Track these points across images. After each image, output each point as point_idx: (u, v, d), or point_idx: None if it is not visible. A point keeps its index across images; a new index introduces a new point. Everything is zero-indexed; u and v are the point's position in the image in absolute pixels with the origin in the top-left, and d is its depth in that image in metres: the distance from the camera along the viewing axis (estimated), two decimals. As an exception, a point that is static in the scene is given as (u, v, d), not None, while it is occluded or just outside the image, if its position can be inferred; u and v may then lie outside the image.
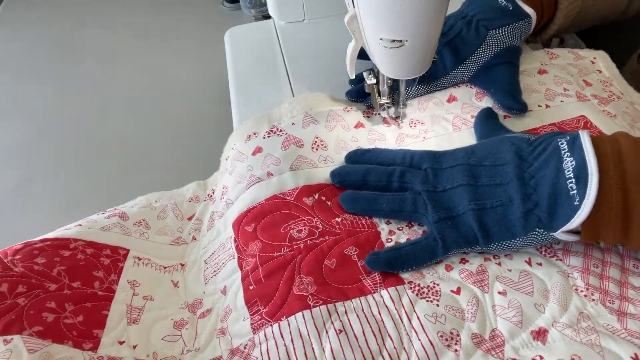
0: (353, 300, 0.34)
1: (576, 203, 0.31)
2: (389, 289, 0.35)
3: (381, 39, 0.37)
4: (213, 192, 0.48)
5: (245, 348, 0.34)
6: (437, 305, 0.34)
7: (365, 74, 0.47)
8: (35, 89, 0.84)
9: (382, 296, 0.35)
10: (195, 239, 0.45)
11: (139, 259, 0.41)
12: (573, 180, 0.31)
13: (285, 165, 0.44)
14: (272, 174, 0.43)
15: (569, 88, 0.49)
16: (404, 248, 0.36)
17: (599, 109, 0.47)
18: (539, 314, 0.33)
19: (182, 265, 0.43)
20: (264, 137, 0.46)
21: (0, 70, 0.89)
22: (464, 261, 0.37)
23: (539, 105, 0.48)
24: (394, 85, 0.46)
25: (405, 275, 0.36)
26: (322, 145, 0.46)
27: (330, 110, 0.49)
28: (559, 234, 0.33)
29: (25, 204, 0.66)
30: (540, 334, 0.32)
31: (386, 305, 0.34)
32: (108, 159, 0.70)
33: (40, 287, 0.35)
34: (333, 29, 0.62)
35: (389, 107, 0.47)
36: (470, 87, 0.50)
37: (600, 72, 0.53)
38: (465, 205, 0.35)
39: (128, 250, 0.41)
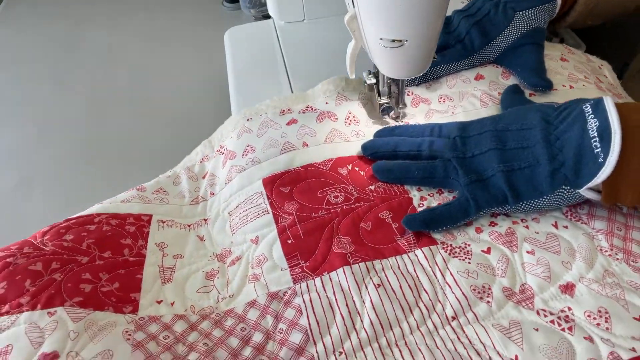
0: (389, 258, 0.37)
1: (600, 160, 0.32)
2: (422, 248, 0.37)
3: (381, 39, 0.37)
4: (221, 147, 0.49)
5: (284, 295, 0.36)
6: (469, 263, 0.36)
7: (364, 74, 0.47)
8: (35, 89, 0.84)
9: (416, 255, 0.37)
10: (213, 194, 0.46)
11: (163, 222, 0.43)
12: (597, 138, 0.33)
13: (320, 137, 0.46)
14: (307, 145, 0.45)
15: (589, 77, 0.51)
16: (438, 209, 0.38)
17: (615, 99, 0.48)
18: (567, 270, 0.35)
19: (205, 220, 0.44)
20: (299, 113, 0.48)
21: (0, 70, 0.89)
22: (493, 224, 0.39)
23: (563, 86, 0.49)
24: (394, 85, 0.46)
25: (438, 236, 0.38)
26: (355, 120, 0.48)
27: (362, 91, 0.50)
28: (584, 191, 0.34)
29: (25, 204, 0.66)
30: (568, 288, 0.34)
31: (420, 264, 0.36)
32: (108, 158, 0.70)
33: (73, 262, 0.36)
34: (333, 29, 0.62)
35: (389, 107, 0.47)
36: (497, 67, 0.52)
37: (606, 77, 0.54)
38: (495, 167, 0.37)
39: (151, 216, 0.43)
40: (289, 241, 0.39)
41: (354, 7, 0.38)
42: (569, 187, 0.35)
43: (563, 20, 0.54)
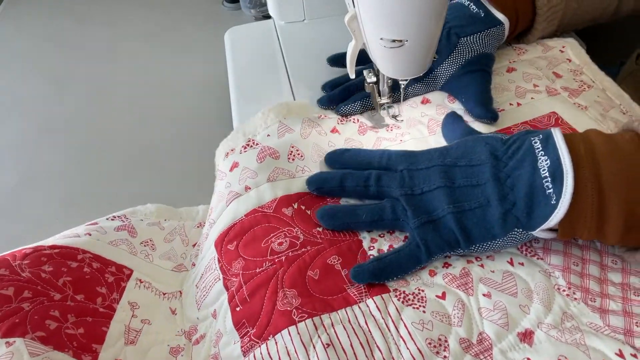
0: (339, 311, 0.34)
1: (553, 202, 0.31)
2: (374, 297, 0.35)
3: (381, 39, 0.37)
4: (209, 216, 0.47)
5: None
6: (424, 311, 0.34)
7: (365, 72, 0.47)
8: (35, 88, 0.84)
9: (368, 305, 0.34)
10: (194, 265, 0.44)
11: (141, 282, 0.41)
12: (549, 179, 0.32)
13: (262, 177, 0.43)
14: (249, 188, 0.43)
15: (539, 84, 0.49)
16: (387, 257, 0.36)
17: (569, 102, 0.47)
18: (524, 315, 0.33)
19: (180, 292, 0.43)
20: (240, 152, 0.45)
21: (0, 70, 0.89)
22: (447, 265, 0.37)
23: (510, 104, 0.48)
24: (394, 85, 0.46)
25: (390, 283, 0.36)
26: (299, 154, 0.45)
27: (304, 117, 0.48)
28: (537, 233, 0.33)
29: (25, 204, 0.66)
30: (526, 336, 0.32)
31: (372, 315, 0.34)
32: (108, 158, 0.70)
33: (45, 295, 0.35)
34: (333, 29, 0.62)
35: (389, 107, 0.47)
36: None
37: (570, 60, 0.52)
38: (445, 208, 0.35)
39: (132, 271, 0.42)
40: (238, 308, 0.36)
41: (354, 7, 0.38)
42: (521, 230, 0.33)
43: (530, 35, 0.53)
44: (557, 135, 0.33)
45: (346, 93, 0.50)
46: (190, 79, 0.83)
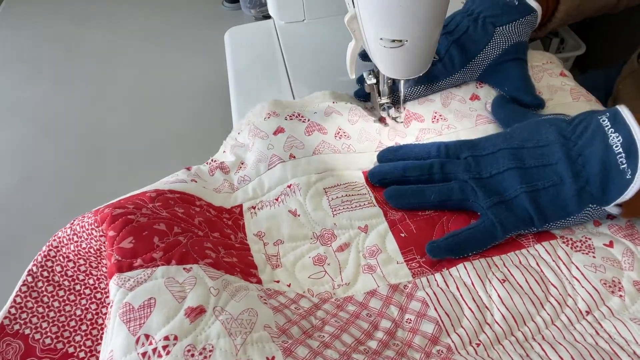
0: (509, 254, 0.36)
1: (628, 177, 0.32)
2: (542, 243, 0.37)
3: (381, 39, 0.37)
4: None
5: (405, 288, 0.35)
6: (594, 257, 0.35)
7: (365, 74, 0.47)
8: (35, 88, 0.84)
9: (536, 250, 0.36)
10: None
11: (253, 208, 0.42)
12: (623, 154, 0.33)
13: (309, 149, 0.44)
14: (294, 156, 0.44)
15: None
16: (462, 233, 0.37)
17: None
18: None
19: (288, 186, 0.42)
20: (286, 119, 0.47)
21: (0, 70, 0.89)
22: (610, 217, 0.38)
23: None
24: (394, 85, 0.46)
25: (556, 231, 0.37)
26: (345, 135, 0.46)
27: (352, 105, 0.49)
28: (610, 208, 0.35)
29: (25, 204, 0.66)
30: None
31: (543, 258, 0.36)
32: (108, 158, 0.70)
33: (191, 231, 0.36)
34: (333, 29, 0.62)
35: (389, 107, 0.47)
36: (492, 88, 0.50)
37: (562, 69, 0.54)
38: (517, 188, 0.36)
39: (241, 206, 0.42)
40: (402, 235, 0.39)
41: (354, 7, 0.38)
42: (595, 205, 0.35)
43: (544, 27, 0.53)
44: (625, 112, 0.34)
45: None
46: (190, 79, 0.83)
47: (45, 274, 0.35)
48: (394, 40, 0.37)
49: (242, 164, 0.45)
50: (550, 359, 0.30)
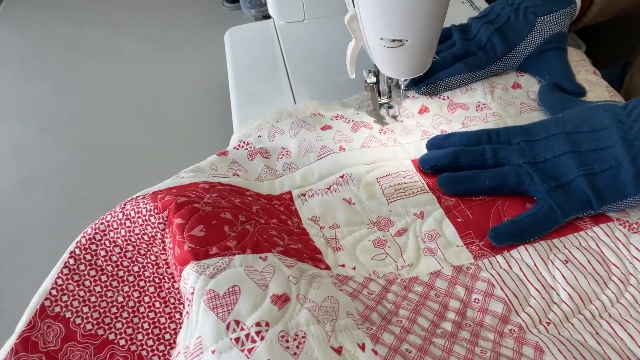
0: (568, 236, 0.37)
1: None
2: (600, 225, 0.37)
3: (381, 39, 0.37)
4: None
5: (468, 270, 0.36)
6: None
7: (365, 73, 0.47)
8: (35, 89, 0.84)
9: (595, 232, 0.37)
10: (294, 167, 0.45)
11: (303, 195, 0.42)
12: None
13: (357, 143, 0.45)
14: (344, 149, 0.45)
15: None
16: (523, 220, 0.37)
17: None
18: None
19: (341, 177, 0.42)
20: (331, 119, 0.47)
21: (0, 70, 0.89)
22: None
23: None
24: (394, 85, 0.46)
25: (612, 214, 0.38)
26: (390, 130, 0.47)
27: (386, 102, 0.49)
28: None
29: (25, 204, 0.66)
30: None
31: (602, 240, 0.36)
32: (108, 158, 0.70)
33: (254, 220, 0.35)
34: (333, 29, 0.62)
35: (389, 107, 0.47)
36: (533, 77, 0.51)
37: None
38: (575, 172, 0.37)
39: (290, 192, 0.42)
40: (459, 220, 0.39)
41: (354, 7, 0.38)
42: None
43: (579, 21, 0.53)
44: None
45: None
46: (190, 79, 0.83)
47: (88, 257, 0.35)
48: (394, 40, 0.37)
49: (285, 150, 0.45)
50: (619, 336, 0.31)
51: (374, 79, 0.46)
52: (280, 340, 0.27)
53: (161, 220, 0.34)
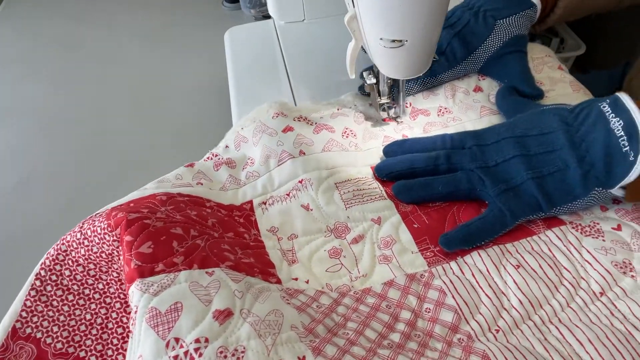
0: (521, 240, 0.37)
1: (631, 159, 0.33)
2: (552, 229, 0.37)
3: (381, 39, 0.37)
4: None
5: (422, 277, 0.36)
6: (603, 240, 0.36)
7: (365, 74, 0.47)
8: (35, 88, 0.84)
9: (547, 236, 0.37)
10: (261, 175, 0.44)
11: (264, 203, 0.42)
12: (625, 137, 0.33)
13: (318, 147, 0.45)
14: (304, 153, 0.44)
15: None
16: (473, 223, 0.37)
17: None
18: None
19: (300, 182, 0.42)
20: (294, 120, 0.47)
21: (0, 70, 0.89)
22: (617, 202, 0.39)
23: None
24: (394, 85, 0.46)
25: (565, 217, 0.38)
26: (352, 133, 0.47)
27: (357, 109, 0.50)
28: (615, 190, 0.35)
29: (25, 204, 0.66)
30: None
31: (554, 244, 0.37)
32: (108, 158, 0.70)
33: (207, 234, 0.35)
34: (333, 29, 0.62)
35: (389, 107, 0.47)
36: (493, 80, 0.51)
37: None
38: (523, 175, 0.37)
39: (251, 201, 0.42)
40: (415, 225, 0.39)
41: (354, 7, 0.38)
42: (600, 188, 0.35)
43: (543, 22, 0.53)
44: (625, 98, 0.34)
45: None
46: (190, 79, 0.83)
47: (54, 277, 0.35)
48: (394, 40, 0.37)
49: (250, 159, 0.45)
50: (567, 342, 0.31)
51: (373, 80, 0.46)
52: (218, 356, 0.27)
53: (115, 238, 0.34)
